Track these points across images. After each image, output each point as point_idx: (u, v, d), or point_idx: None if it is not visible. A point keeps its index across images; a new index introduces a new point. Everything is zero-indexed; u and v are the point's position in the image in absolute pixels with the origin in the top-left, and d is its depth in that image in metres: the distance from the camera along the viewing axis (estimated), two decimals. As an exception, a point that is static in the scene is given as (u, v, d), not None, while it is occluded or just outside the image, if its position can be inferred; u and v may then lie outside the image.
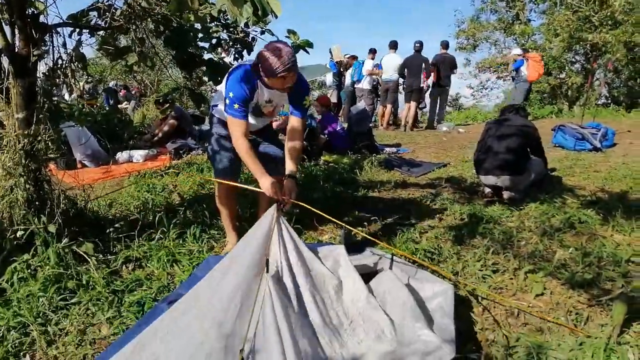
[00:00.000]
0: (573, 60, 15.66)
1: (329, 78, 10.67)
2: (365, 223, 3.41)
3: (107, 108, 9.09)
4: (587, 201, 3.89)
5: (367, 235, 2.63)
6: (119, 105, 12.23)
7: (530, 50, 13.57)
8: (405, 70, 9.67)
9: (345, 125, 7.41)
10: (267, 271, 1.85)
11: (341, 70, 10.30)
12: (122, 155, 5.96)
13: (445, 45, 9.89)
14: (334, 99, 10.30)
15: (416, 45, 9.55)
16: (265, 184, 2.33)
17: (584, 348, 1.95)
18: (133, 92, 13.07)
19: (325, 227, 3.42)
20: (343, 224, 2.46)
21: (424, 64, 9.50)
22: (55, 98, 2.90)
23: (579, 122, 7.40)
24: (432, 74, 9.68)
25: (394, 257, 2.41)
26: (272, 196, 2.32)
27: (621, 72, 16.31)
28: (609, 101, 16.64)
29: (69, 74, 2.58)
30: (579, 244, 2.91)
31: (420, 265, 2.55)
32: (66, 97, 10.66)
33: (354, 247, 2.90)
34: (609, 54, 12.51)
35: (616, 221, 3.26)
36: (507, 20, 19.04)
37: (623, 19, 13.69)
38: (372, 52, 10.01)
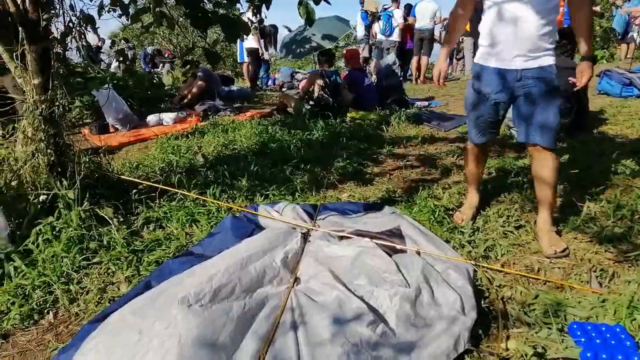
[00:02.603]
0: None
1: (360, 30, 10.30)
2: (386, 180, 3.34)
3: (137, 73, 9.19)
4: (628, 151, 3.64)
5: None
6: (155, 69, 12.40)
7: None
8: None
9: (375, 79, 7.19)
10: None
11: (372, 22, 9.91)
12: (152, 119, 6.04)
13: None
14: (365, 53, 10.00)
15: None
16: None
17: (606, 305, 1.85)
18: (166, 56, 13.15)
19: (345, 186, 3.37)
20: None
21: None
22: (74, 61, 2.93)
23: (628, 66, 6.85)
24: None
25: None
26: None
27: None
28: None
29: (78, 37, 2.58)
30: (613, 197, 2.73)
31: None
32: (113, 64, 10.87)
33: (373, 206, 2.87)
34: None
35: (657, 172, 3.05)
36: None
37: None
38: (396, 0, 9.53)
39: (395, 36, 9.46)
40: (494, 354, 1.67)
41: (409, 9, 9.70)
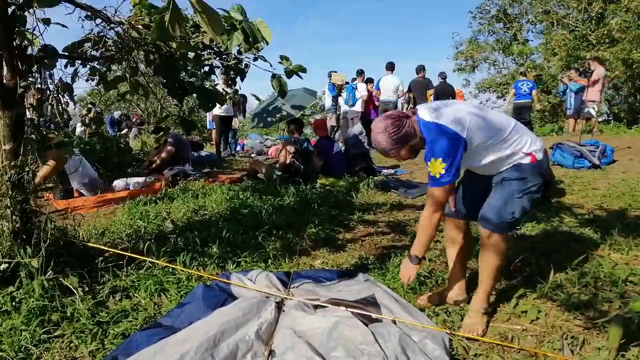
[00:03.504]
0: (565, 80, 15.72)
1: (327, 101, 10.74)
2: (358, 246, 3.37)
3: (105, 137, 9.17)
4: (585, 219, 3.84)
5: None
6: (121, 133, 12.36)
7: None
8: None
9: (343, 148, 7.41)
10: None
11: (339, 93, 10.36)
12: (119, 183, 5.96)
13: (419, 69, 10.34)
14: (332, 122, 10.36)
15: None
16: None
17: (580, 373, 1.88)
18: (134, 120, 13.19)
19: (318, 252, 3.37)
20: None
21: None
22: (47, 127, 2.91)
23: (577, 139, 7.36)
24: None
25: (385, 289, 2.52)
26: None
27: (621, 89, 16.38)
28: (610, 118, 16.66)
29: (55, 105, 2.60)
30: (576, 264, 2.84)
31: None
32: (77, 127, 10.79)
33: (347, 273, 2.87)
34: (608, 72, 12.52)
35: (614, 239, 3.21)
36: (505, 41, 19.28)
37: (620, 36, 13.81)
38: (361, 74, 10.07)
39: (358, 107, 9.89)
40: None
41: (369, 82, 10.25)
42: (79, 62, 3.00)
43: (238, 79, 4.06)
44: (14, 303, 2.34)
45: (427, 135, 2.10)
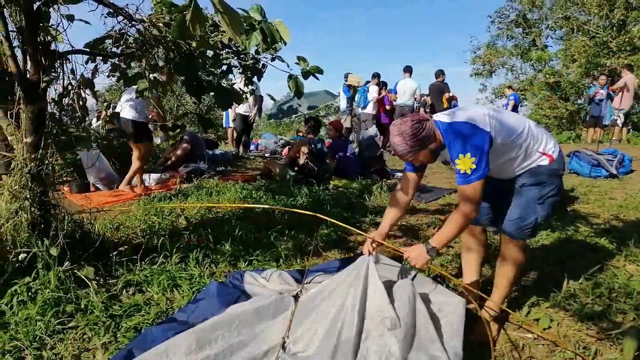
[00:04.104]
0: (590, 85, 15.54)
1: (342, 103, 10.74)
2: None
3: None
4: (601, 229, 3.79)
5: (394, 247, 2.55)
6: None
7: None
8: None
9: (357, 150, 7.41)
10: None
11: (354, 95, 10.37)
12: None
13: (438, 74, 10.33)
14: (347, 124, 10.35)
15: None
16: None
17: (592, 385, 1.86)
18: (150, 117, 13.32)
19: (329, 253, 3.38)
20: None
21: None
22: (67, 122, 2.96)
23: (595, 148, 7.26)
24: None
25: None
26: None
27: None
28: (629, 127, 16.41)
29: (76, 100, 2.64)
30: (590, 274, 2.81)
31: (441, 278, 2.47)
32: (93, 122, 10.97)
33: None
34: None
35: (629, 251, 3.16)
36: (524, 46, 19.07)
37: (642, 44, 13.62)
38: (376, 77, 10.08)
39: (370, 109, 9.89)
40: None
41: (383, 86, 10.24)
42: (100, 58, 3.06)
43: (255, 79, 4.11)
44: (30, 293, 2.39)
45: (451, 135, 2.07)
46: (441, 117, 2.14)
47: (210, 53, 3.48)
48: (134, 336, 2.19)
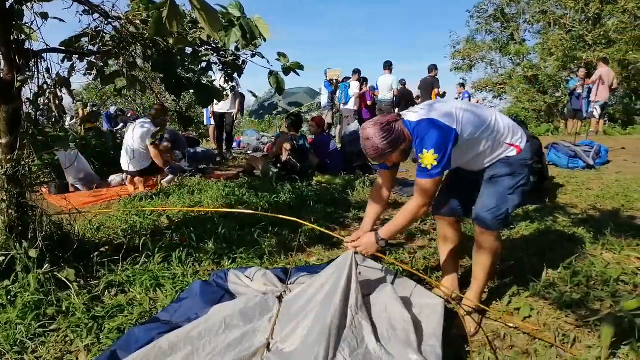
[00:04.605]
0: (568, 78, 15.82)
1: (324, 99, 10.75)
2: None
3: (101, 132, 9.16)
4: (579, 219, 3.87)
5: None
6: (117, 129, 12.31)
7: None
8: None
9: (339, 145, 7.42)
10: None
11: (335, 90, 10.40)
12: (115, 179, 5.96)
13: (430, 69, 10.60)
14: (329, 120, 10.37)
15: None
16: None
17: (571, 371, 1.91)
18: (129, 116, 13.15)
19: (314, 249, 3.39)
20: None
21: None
22: (42, 122, 2.90)
23: (573, 140, 7.41)
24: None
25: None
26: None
27: (616, 90, 16.44)
28: (606, 119, 16.76)
29: (52, 99, 2.59)
30: (568, 263, 2.87)
31: (419, 279, 2.51)
32: (68, 121, 10.76)
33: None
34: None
35: (606, 239, 3.24)
36: (502, 41, 19.30)
37: (617, 37, 13.90)
38: (357, 73, 10.12)
39: (351, 105, 9.93)
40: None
41: (364, 81, 10.31)
42: (76, 56, 3.00)
43: (236, 75, 4.09)
44: (9, 297, 2.35)
45: (418, 132, 2.11)
46: (410, 115, 2.18)
47: (189, 50, 3.45)
48: (117, 337, 2.17)
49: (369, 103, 10.26)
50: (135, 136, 5.34)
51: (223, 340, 2.00)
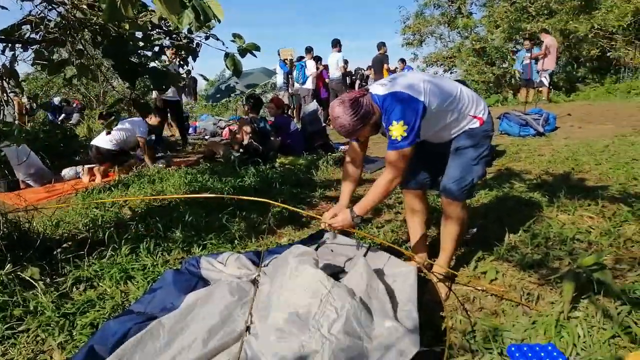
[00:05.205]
0: (514, 49, 16.26)
1: (279, 79, 10.65)
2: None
3: (50, 124, 8.72)
4: (533, 184, 4.07)
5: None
6: (62, 119, 11.75)
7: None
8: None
9: (299, 126, 7.41)
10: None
11: (291, 70, 10.32)
12: (68, 172, 5.73)
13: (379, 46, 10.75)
14: (285, 100, 10.30)
15: None
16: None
17: (537, 326, 2.03)
18: (74, 106, 12.55)
19: (284, 230, 3.41)
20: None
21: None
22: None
23: (522, 109, 7.71)
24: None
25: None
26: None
27: (559, 59, 17.12)
28: (550, 87, 17.47)
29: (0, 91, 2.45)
30: (527, 227, 3.02)
31: (391, 250, 2.56)
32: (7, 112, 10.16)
33: (314, 235, 2.92)
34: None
35: (560, 202, 3.42)
36: (450, 15, 19.61)
37: (557, 8, 14.42)
38: (309, 51, 10.07)
39: (309, 84, 9.90)
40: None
41: (318, 60, 10.29)
42: (19, 45, 2.84)
43: (190, 59, 3.98)
44: (-29, 301, 2.24)
45: (386, 104, 2.12)
46: (377, 88, 2.18)
47: (140, 34, 3.32)
48: (91, 332, 2.13)
49: (326, 81, 10.25)
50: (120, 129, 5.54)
51: (203, 327, 2.00)
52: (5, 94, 2.55)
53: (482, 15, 18.41)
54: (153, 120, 6.12)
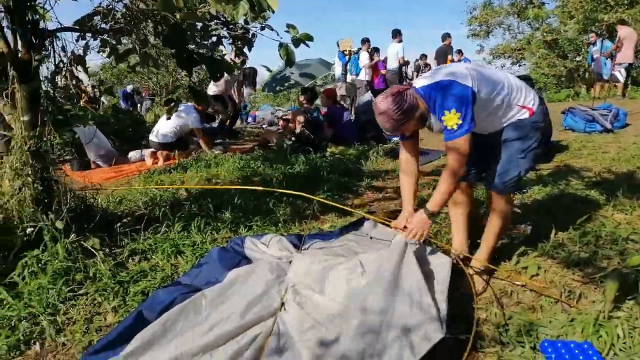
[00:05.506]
0: (591, 41, 15.30)
1: (337, 70, 10.68)
2: (366, 211, 3.45)
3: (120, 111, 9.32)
4: (592, 182, 3.87)
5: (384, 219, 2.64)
6: (134, 107, 12.53)
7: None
8: None
9: (354, 117, 7.43)
10: None
11: (349, 60, 10.31)
12: (134, 155, 6.11)
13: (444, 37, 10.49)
14: (342, 92, 10.32)
15: None
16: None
17: (575, 324, 1.97)
18: (143, 95, 13.30)
19: (327, 217, 3.48)
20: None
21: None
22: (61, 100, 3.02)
23: (591, 104, 7.27)
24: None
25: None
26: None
27: (639, 52, 15.91)
28: (628, 82, 16.25)
29: (69, 78, 2.69)
30: (578, 224, 2.90)
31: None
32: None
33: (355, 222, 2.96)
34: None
35: (618, 200, 3.24)
36: (520, 5, 18.72)
37: (640, -3, 13.39)
38: (365, 42, 9.94)
39: (362, 76, 9.84)
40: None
41: (375, 51, 10.17)
42: (90, 35, 3.08)
43: (246, 49, 4.12)
44: (40, 265, 2.50)
45: (433, 95, 2.08)
46: (420, 81, 2.17)
47: (199, 25, 3.49)
48: (142, 299, 2.31)
49: (382, 72, 10.14)
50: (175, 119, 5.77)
51: (242, 301, 2.11)
52: (75, 79, 2.79)
53: (555, 6, 17.43)
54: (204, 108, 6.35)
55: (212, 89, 7.61)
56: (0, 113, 2.83)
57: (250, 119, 11.06)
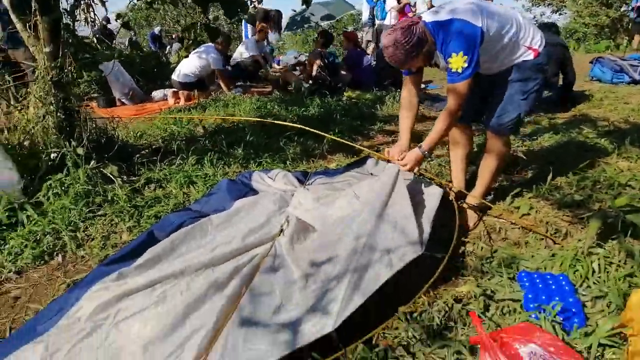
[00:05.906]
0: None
1: (365, 15, 10.39)
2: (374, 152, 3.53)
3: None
4: (605, 131, 3.83)
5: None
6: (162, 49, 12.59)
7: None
8: None
9: (374, 62, 7.34)
10: None
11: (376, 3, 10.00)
12: (157, 94, 6.28)
13: None
14: (368, 37, 10.10)
15: None
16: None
17: (555, 259, 2.06)
18: (173, 37, 13.32)
19: (334, 157, 3.59)
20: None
21: None
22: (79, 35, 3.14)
23: (622, 54, 6.98)
24: None
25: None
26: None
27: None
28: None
29: (86, 9, 2.79)
30: (579, 169, 2.93)
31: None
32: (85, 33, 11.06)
33: (358, 160, 3.07)
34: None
35: (625, 148, 3.23)
36: (564, -54, 17.50)
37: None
38: None
39: (388, 20, 9.53)
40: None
41: None
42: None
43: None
44: (63, 187, 2.72)
45: (443, 33, 2.06)
46: (430, 16, 2.13)
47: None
48: (155, 222, 2.51)
49: (410, 16, 9.84)
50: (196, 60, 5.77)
51: (245, 227, 2.28)
52: (93, 13, 2.89)
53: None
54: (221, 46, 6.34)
55: (244, 54, 7.47)
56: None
57: (275, 63, 11.02)
